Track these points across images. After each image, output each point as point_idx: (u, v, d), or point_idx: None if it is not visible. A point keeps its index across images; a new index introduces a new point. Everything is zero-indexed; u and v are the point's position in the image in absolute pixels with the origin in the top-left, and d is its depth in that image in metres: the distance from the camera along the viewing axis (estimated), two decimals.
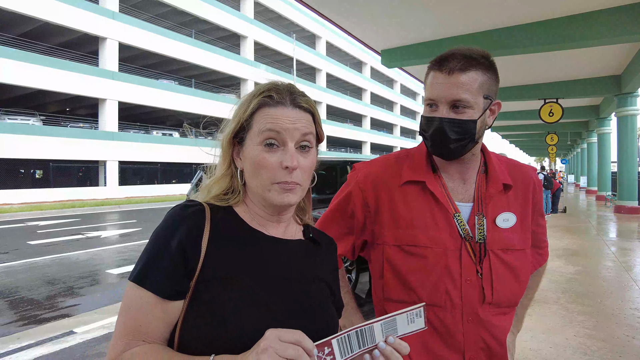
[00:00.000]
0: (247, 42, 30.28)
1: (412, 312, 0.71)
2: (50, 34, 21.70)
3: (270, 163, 0.75)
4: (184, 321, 0.70)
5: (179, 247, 0.70)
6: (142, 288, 0.69)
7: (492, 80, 0.98)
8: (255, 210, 0.82)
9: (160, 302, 0.69)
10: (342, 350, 0.66)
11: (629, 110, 12.13)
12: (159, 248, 0.71)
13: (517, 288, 1.00)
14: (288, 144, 0.75)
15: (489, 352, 0.98)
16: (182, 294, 0.70)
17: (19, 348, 3.47)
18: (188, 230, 0.72)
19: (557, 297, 4.47)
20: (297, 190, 0.77)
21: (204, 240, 0.72)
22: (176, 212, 0.75)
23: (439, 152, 1.00)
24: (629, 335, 3.43)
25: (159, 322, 0.69)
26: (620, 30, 6.96)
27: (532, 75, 11.73)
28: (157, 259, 0.70)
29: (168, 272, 0.69)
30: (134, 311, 0.69)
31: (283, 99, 0.78)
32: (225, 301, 0.69)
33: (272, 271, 0.77)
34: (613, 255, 6.62)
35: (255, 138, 0.77)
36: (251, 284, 0.73)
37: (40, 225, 11.69)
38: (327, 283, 0.85)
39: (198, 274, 0.71)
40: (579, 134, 25.89)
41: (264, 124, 0.76)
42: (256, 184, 0.77)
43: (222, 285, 0.71)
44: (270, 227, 0.82)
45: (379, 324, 0.69)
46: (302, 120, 0.78)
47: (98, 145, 21.10)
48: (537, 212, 1.10)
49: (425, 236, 0.98)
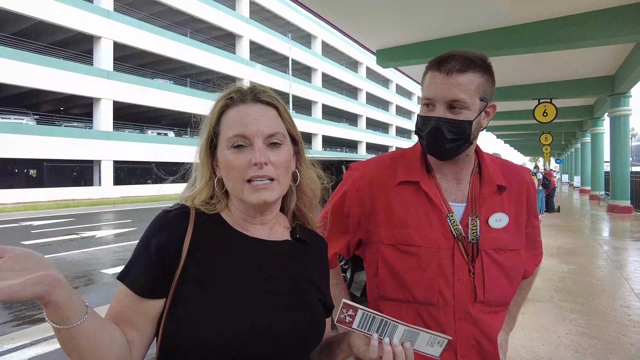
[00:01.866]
0: (242, 42, 30.21)
1: (436, 337, 0.73)
2: (44, 32, 21.55)
3: (239, 163, 0.75)
4: (166, 322, 0.72)
5: (157, 249, 0.73)
6: (123, 284, 0.73)
7: (488, 83, 0.99)
8: (237, 214, 0.82)
9: (138, 299, 0.72)
10: (362, 323, 0.71)
11: (622, 110, 12.24)
12: (140, 249, 0.75)
13: (508, 287, 1.02)
14: (255, 142, 0.76)
15: (481, 350, 1.00)
16: (160, 294, 0.72)
17: (14, 348, 3.46)
18: (169, 233, 0.74)
19: (550, 296, 4.52)
20: (272, 187, 0.76)
21: (185, 243, 0.74)
22: (161, 215, 0.77)
23: (434, 151, 1.01)
24: (620, 333, 3.47)
25: (138, 316, 0.72)
26: (615, 31, 7.03)
27: (527, 76, 11.81)
28: (137, 259, 0.74)
29: (145, 272, 0.72)
30: (118, 304, 0.73)
31: (244, 97, 0.79)
32: (204, 303, 0.71)
33: (254, 272, 0.77)
34: (605, 254, 6.69)
35: (224, 143, 0.77)
36: (232, 286, 0.73)
37: (34, 225, 11.60)
38: (313, 283, 0.84)
39: (179, 276, 0.72)
40: (573, 134, 26.07)
41: (229, 128, 0.77)
42: (231, 187, 0.78)
43: (202, 287, 0.72)
44: (253, 229, 0.83)
45: (404, 327, 0.72)
46: (266, 115, 0.78)
47: (93, 144, 20.97)
48: (532, 214, 1.11)
49: (419, 235, 1.00)
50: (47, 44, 21.89)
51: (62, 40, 22.61)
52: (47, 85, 19.16)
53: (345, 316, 0.70)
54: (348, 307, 0.70)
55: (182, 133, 29.13)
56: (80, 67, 20.52)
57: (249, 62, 30.36)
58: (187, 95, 25.96)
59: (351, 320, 0.71)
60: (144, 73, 25.81)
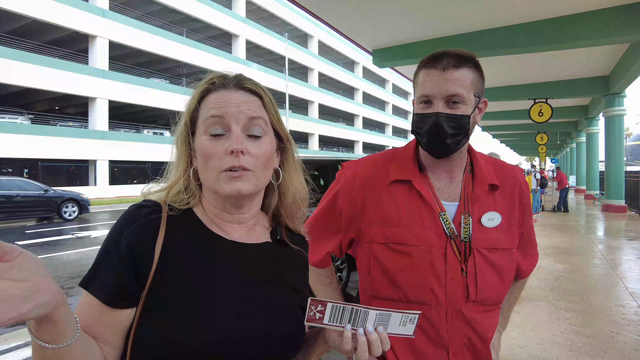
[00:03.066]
0: (239, 41, 30.15)
1: (407, 315, 0.72)
2: (39, 31, 21.40)
3: (216, 151, 0.70)
4: (136, 332, 0.65)
5: (128, 250, 0.65)
6: (87, 293, 0.64)
7: (480, 80, 1.01)
8: (212, 211, 0.76)
9: (106, 309, 0.64)
10: (333, 316, 0.69)
11: (617, 110, 12.31)
12: (106, 251, 0.66)
13: (500, 287, 1.02)
14: (232, 128, 0.71)
15: (473, 349, 1.00)
16: (132, 302, 0.65)
17: (7, 349, 3.43)
18: (140, 234, 0.67)
19: (545, 295, 4.54)
20: (248, 178, 0.70)
21: (157, 246, 0.67)
22: (131, 212, 0.69)
23: (434, 148, 1.01)
24: (614, 332, 3.49)
25: (107, 328, 0.64)
26: (609, 31, 7.08)
27: (522, 76, 11.86)
28: (104, 263, 0.65)
29: (115, 277, 0.64)
30: (84, 316, 0.64)
31: (227, 83, 0.74)
32: (177, 311, 0.65)
33: (231, 277, 0.71)
34: (600, 254, 6.73)
35: (202, 128, 0.72)
36: (207, 292, 0.68)
37: (28, 225, 11.54)
38: (293, 288, 0.80)
39: (150, 282, 0.65)
40: (569, 134, 26.21)
41: (207, 111, 0.72)
42: (206, 177, 0.72)
43: (174, 294, 0.66)
44: (231, 229, 0.77)
45: (374, 312, 0.70)
46: (248, 103, 0.73)
47: (88, 144, 20.88)
48: (526, 213, 1.11)
49: (412, 234, 1.00)
50: (42, 42, 21.76)
51: (57, 39, 22.47)
52: (42, 84, 19.05)
53: (315, 313, 0.68)
54: (316, 303, 0.67)
55: None
56: (75, 66, 20.42)
57: (245, 61, 30.31)
58: (183, 94, 25.20)
59: (321, 317, 0.69)
60: (140, 72, 25.70)
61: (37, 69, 18.71)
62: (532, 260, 1.19)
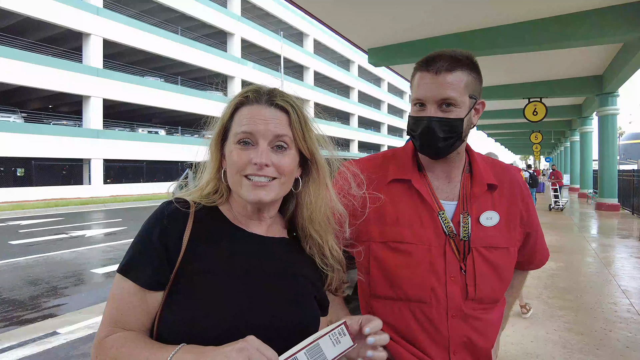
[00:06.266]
0: (234, 40, 30.04)
1: (334, 331, 0.69)
2: (32, 29, 21.18)
3: (241, 159, 0.77)
4: (162, 312, 0.73)
5: (161, 240, 0.74)
6: (126, 279, 0.73)
7: (476, 81, 1.01)
8: (237, 209, 0.85)
9: (142, 291, 0.72)
10: None
11: (610, 109, 12.41)
12: (143, 241, 0.75)
13: (498, 285, 1.03)
14: (260, 142, 0.78)
15: (473, 347, 1.00)
16: (163, 285, 0.73)
17: (1, 350, 3.41)
18: (171, 225, 0.76)
19: (539, 293, 4.58)
20: (271, 187, 0.78)
21: (185, 236, 0.76)
22: (162, 207, 0.79)
23: (427, 150, 1.02)
24: (606, 329, 3.53)
25: (140, 311, 0.73)
26: (603, 31, 7.13)
27: (517, 75, 11.93)
28: (141, 251, 0.74)
29: (150, 264, 0.73)
30: (117, 301, 0.73)
31: (259, 98, 0.81)
32: (200, 295, 0.72)
33: (249, 267, 0.78)
34: (593, 252, 6.79)
35: (232, 137, 0.80)
36: (227, 279, 0.75)
37: (22, 225, 11.44)
38: (308, 279, 0.86)
39: (177, 268, 0.74)
40: (563, 133, 26.39)
41: (239, 125, 0.79)
42: (232, 182, 0.80)
43: (199, 279, 0.73)
44: (251, 225, 0.85)
45: (302, 352, 0.65)
46: (276, 119, 0.80)
47: (82, 143, 20.72)
48: (531, 212, 1.12)
49: (411, 233, 1.01)
50: (35, 40, 21.52)
51: (50, 37, 22.25)
52: (35, 82, 18.86)
53: None
54: None
55: (173, 131, 28.91)
56: (69, 64, 20.24)
57: (240, 60, 30.21)
58: (178, 93, 25.75)
59: None
60: (134, 71, 25.52)
61: (31, 67, 18.51)
62: (541, 259, 1.22)
